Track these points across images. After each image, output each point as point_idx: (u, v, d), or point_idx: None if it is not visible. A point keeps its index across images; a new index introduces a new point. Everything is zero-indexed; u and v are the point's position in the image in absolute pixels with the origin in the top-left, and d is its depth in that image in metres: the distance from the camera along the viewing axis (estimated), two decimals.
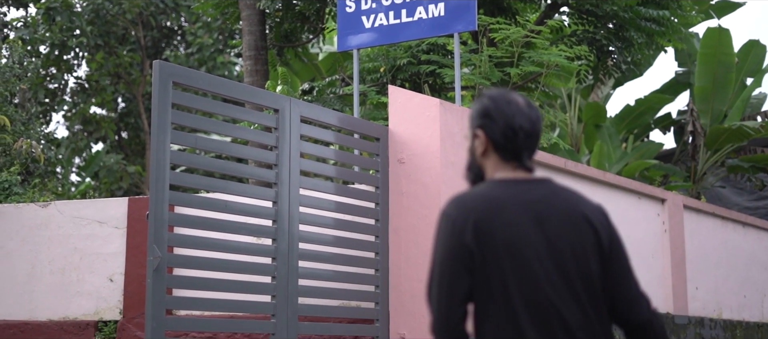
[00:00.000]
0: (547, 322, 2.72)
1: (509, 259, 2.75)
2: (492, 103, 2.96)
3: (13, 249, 10.14)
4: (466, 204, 2.87)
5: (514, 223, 2.79)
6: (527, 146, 2.95)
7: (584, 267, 2.82)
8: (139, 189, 25.06)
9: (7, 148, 12.66)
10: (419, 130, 8.36)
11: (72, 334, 9.64)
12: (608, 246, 2.92)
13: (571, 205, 2.93)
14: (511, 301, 2.73)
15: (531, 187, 2.92)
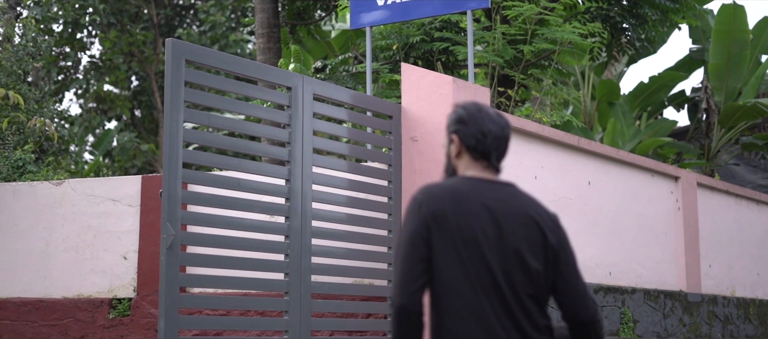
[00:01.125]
0: (489, 298, 3.06)
1: (461, 242, 3.09)
2: (465, 112, 3.37)
3: (27, 227, 10.18)
4: (432, 192, 3.21)
5: (471, 213, 3.14)
6: (496, 148, 3.34)
7: (526, 264, 3.14)
8: (152, 167, 25.11)
9: (21, 126, 12.69)
10: (432, 108, 8.34)
11: (86, 311, 9.68)
12: (556, 250, 3.27)
13: (525, 209, 3.26)
14: (463, 279, 3.06)
15: (494, 186, 3.29)
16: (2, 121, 12.43)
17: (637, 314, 10.31)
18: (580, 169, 9.95)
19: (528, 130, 9.24)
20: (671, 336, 10.75)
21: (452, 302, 3.10)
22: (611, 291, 10.02)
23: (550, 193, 9.49)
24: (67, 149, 16.10)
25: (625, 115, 16.76)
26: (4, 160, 11.49)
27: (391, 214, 8.26)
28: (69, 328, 9.73)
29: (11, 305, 10.10)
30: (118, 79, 26.14)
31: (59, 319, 9.80)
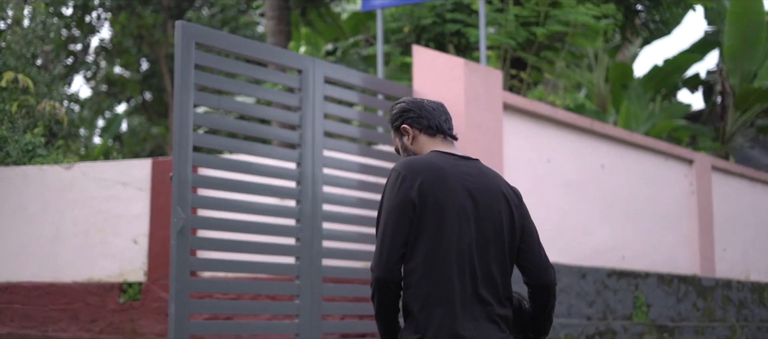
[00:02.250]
0: (466, 268, 3.31)
1: (445, 215, 3.31)
2: (404, 104, 3.64)
3: (37, 211, 10.15)
4: (415, 167, 3.38)
5: (452, 188, 3.36)
6: (445, 120, 3.61)
7: (500, 234, 3.41)
8: (162, 150, 25.10)
9: (31, 109, 12.65)
10: (444, 91, 8.26)
11: (97, 295, 9.65)
12: (520, 222, 3.51)
13: (495, 184, 3.50)
14: (443, 249, 3.29)
15: (466, 162, 3.50)
16: (12, 105, 12.39)
17: (650, 298, 10.24)
18: (594, 153, 9.86)
19: (541, 113, 9.16)
20: (685, 320, 10.67)
21: (424, 271, 3.31)
22: (624, 275, 9.95)
23: (563, 177, 9.41)
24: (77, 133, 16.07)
25: (638, 97, 16.65)
26: (13, 144, 11.45)
27: None
28: (79, 313, 9.71)
29: (21, 289, 10.07)
30: (128, 63, 26.10)
31: (69, 304, 9.78)
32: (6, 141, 11.53)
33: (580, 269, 9.39)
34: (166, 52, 23.78)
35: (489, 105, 8.41)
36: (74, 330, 9.72)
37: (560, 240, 9.29)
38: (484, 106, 8.34)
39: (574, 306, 9.25)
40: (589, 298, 9.47)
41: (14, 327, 10.08)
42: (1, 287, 10.16)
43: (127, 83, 26.40)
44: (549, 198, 9.21)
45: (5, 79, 12.36)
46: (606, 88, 16.68)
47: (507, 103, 8.72)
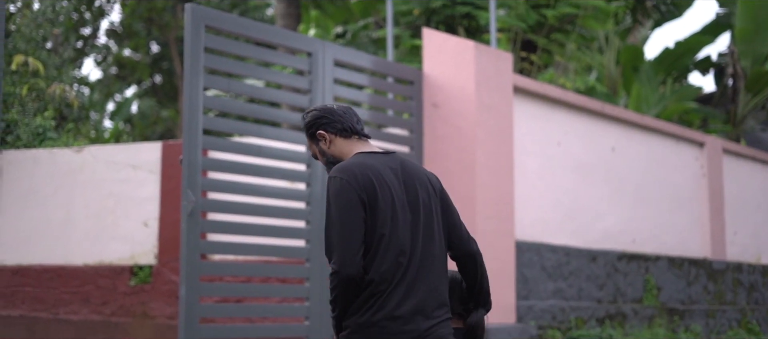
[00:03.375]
0: (407, 251, 3.61)
1: (388, 208, 3.59)
2: (316, 111, 3.83)
3: (48, 194, 10.17)
4: (353, 170, 3.60)
5: (389, 183, 3.64)
6: (356, 121, 3.81)
7: (432, 215, 3.73)
8: (172, 134, 25.12)
9: (41, 93, 12.65)
10: (454, 74, 8.24)
11: (107, 278, 9.68)
12: (444, 202, 3.83)
13: (419, 172, 3.79)
14: (387, 238, 3.57)
15: (389, 157, 3.75)
16: (22, 88, 12.40)
17: (660, 281, 10.22)
18: (604, 135, 9.84)
19: (551, 95, 9.14)
20: (695, 303, 10.66)
21: (376, 257, 3.57)
22: (635, 258, 9.93)
23: (573, 159, 9.39)
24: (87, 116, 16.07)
25: (649, 80, 16.57)
26: (24, 127, 11.47)
27: None
28: (90, 295, 9.74)
29: (32, 272, 10.10)
30: (138, 46, 26.10)
31: (80, 286, 9.80)
32: (16, 124, 11.54)
33: (591, 252, 9.38)
34: (176, 35, 23.76)
35: (499, 88, 8.39)
36: (85, 312, 9.75)
37: (570, 223, 9.28)
38: (494, 89, 8.32)
39: (585, 289, 9.25)
40: (600, 281, 9.46)
41: (25, 309, 10.11)
42: (13, 270, 10.19)
43: (136, 66, 26.40)
44: (559, 181, 9.19)
45: (15, 63, 12.36)
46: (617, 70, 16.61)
47: (517, 86, 8.70)
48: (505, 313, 8.16)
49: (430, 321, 3.63)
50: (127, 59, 26.47)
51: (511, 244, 8.31)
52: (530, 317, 8.48)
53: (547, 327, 8.64)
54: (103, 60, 26.27)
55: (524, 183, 8.68)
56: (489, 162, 8.16)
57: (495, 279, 8.13)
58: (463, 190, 8.03)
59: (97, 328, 9.67)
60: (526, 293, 8.54)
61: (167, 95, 26.87)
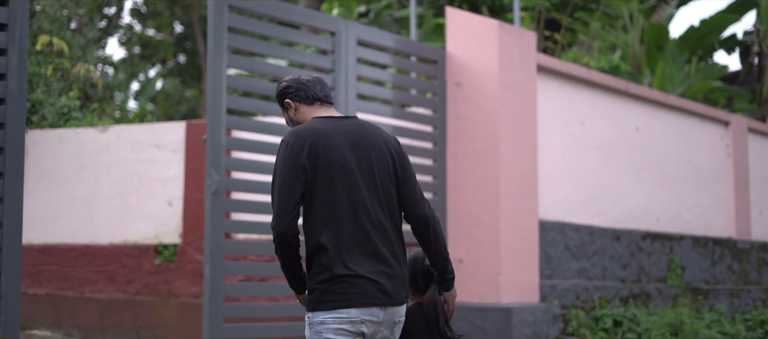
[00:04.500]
0: (358, 213, 3.80)
1: (334, 171, 3.78)
2: (285, 83, 4.08)
3: (72, 174, 10.23)
4: (301, 134, 3.83)
5: (337, 146, 3.82)
6: (320, 90, 4.04)
7: (384, 178, 3.88)
8: (196, 113, 25.19)
9: (66, 73, 12.72)
10: (478, 53, 8.22)
11: (132, 257, 9.74)
12: (400, 166, 3.95)
13: (375, 135, 3.95)
14: (336, 201, 3.78)
15: (345, 121, 3.95)
16: (47, 68, 12.46)
17: (684, 261, 10.19)
18: (628, 114, 9.80)
19: (575, 74, 9.10)
20: (720, 283, 10.62)
21: (322, 219, 3.79)
22: (659, 238, 9.91)
23: (597, 139, 9.36)
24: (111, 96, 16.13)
25: (674, 59, 16.47)
26: (49, 107, 11.54)
27: (437, 160, 8.18)
28: (115, 274, 9.81)
29: (58, 251, 10.18)
30: (162, 25, 26.15)
31: (105, 265, 9.87)
32: (42, 104, 11.61)
33: (614, 231, 9.36)
34: (200, 14, 23.79)
35: (523, 67, 8.36)
36: (110, 291, 9.82)
37: (594, 202, 9.26)
38: (517, 68, 8.29)
39: (609, 268, 9.23)
40: (623, 260, 9.44)
41: (52, 288, 10.20)
42: (39, 249, 10.28)
43: (160, 46, 26.47)
44: (583, 160, 9.17)
45: (40, 43, 12.43)
46: (641, 49, 16.51)
47: (541, 65, 8.67)
48: (529, 293, 8.17)
49: (387, 277, 3.82)
50: (150, 39, 26.54)
51: (534, 223, 8.31)
52: (554, 296, 8.48)
53: (570, 306, 8.64)
54: (127, 40, 26.35)
55: (548, 162, 8.67)
56: (512, 141, 8.15)
57: (518, 258, 8.15)
58: (486, 169, 8.03)
59: (122, 307, 9.74)
60: (550, 273, 8.54)
61: (191, 75, 26.94)
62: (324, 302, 3.76)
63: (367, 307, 3.77)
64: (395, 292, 3.84)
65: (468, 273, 8.05)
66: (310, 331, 3.82)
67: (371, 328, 3.80)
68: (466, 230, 8.10)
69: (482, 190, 8.06)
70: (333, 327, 3.76)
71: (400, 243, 3.93)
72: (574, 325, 8.52)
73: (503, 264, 7.93)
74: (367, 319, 3.78)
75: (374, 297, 3.78)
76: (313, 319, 3.80)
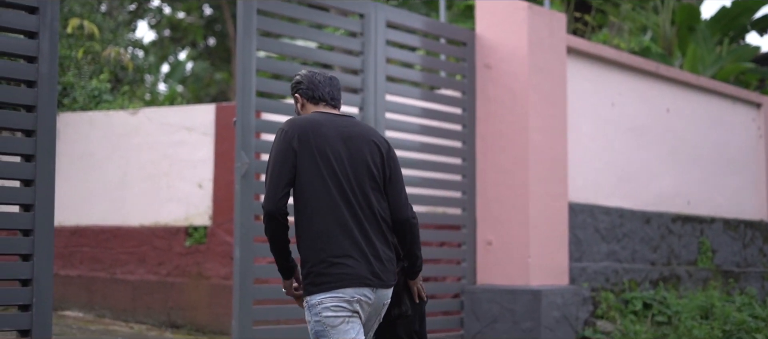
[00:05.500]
0: (349, 199, 4.08)
1: (324, 158, 4.07)
2: (300, 76, 4.37)
3: (104, 156, 10.30)
4: (296, 122, 4.15)
5: (327, 136, 4.11)
6: (329, 93, 4.32)
7: (373, 169, 4.15)
8: (226, 96, 25.26)
9: (96, 56, 12.79)
10: (507, 35, 8.19)
11: (163, 239, 9.80)
12: (389, 166, 4.22)
13: (366, 133, 4.24)
14: (326, 187, 4.06)
15: (340, 118, 4.25)
16: (78, 51, 12.53)
17: (715, 244, 10.13)
18: (659, 96, 9.74)
19: (605, 56, 9.05)
20: (751, 266, 10.56)
21: (314, 204, 4.07)
22: (689, 220, 9.85)
23: (627, 121, 9.31)
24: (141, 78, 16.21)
25: (705, 40, 16.33)
26: (80, 90, 11.61)
27: (466, 142, 8.17)
28: (146, 256, 9.88)
29: (90, 233, 10.27)
30: (191, 8, 26.22)
31: (137, 247, 9.95)
32: (73, 87, 11.69)
33: (644, 214, 9.32)
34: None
35: (553, 49, 8.33)
36: (142, 272, 9.90)
37: (624, 185, 9.22)
38: (547, 50, 8.26)
39: (639, 251, 9.20)
40: (654, 243, 9.40)
41: (83, 270, 10.29)
42: (71, 230, 10.36)
43: (190, 29, 26.54)
44: (613, 142, 9.13)
45: (71, 26, 12.50)
46: (672, 30, 16.39)
47: (571, 47, 8.63)
48: (558, 275, 8.15)
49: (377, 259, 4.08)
50: (180, 22, 26.61)
51: (564, 206, 8.29)
52: (583, 279, 8.47)
53: (600, 289, 8.62)
54: (157, 23, 26.45)
55: (577, 145, 8.63)
56: (542, 124, 8.12)
57: (548, 241, 8.13)
58: (515, 152, 8.01)
59: (153, 288, 9.81)
60: (580, 255, 8.52)
61: (220, 57, 27.00)
62: (319, 284, 4.01)
63: (359, 287, 4.02)
64: (384, 275, 4.10)
65: (497, 255, 8.05)
66: (310, 314, 4.06)
67: (365, 310, 4.07)
68: (496, 212, 8.10)
69: (511, 173, 8.04)
70: (330, 305, 4.00)
71: (389, 229, 4.18)
72: (603, 308, 8.51)
73: (533, 246, 7.92)
74: (360, 299, 4.03)
75: (366, 278, 4.03)
76: (310, 301, 4.05)
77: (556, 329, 7.84)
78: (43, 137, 4.99)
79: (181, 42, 27.32)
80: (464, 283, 8.09)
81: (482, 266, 8.14)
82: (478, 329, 7.95)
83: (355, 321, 4.04)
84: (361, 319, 4.08)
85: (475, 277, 8.15)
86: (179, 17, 26.64)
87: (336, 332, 4.00)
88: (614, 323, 8.43)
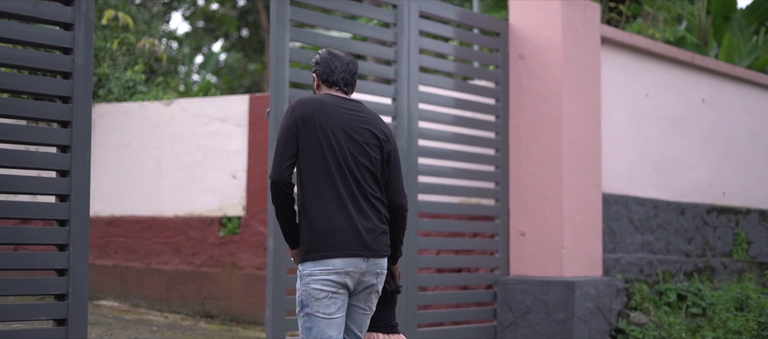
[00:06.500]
0: (345, 175, 4.32)
1: (322, 136, 4.33)
2: (320, 57, 4.61)
3: (139, 146, 10.37)
4: (302, 101, 4.42)
5: (330, 117, 4.37)
6: (343, 79, 4.58)
7: (369, 157, 4.40)
8: (259, 87, 25.34)
9: (131, 47, 12.87)
10: (540, 25, 8.16)
11: (197, 229, 9.86)
12: (388, 153, 4.50)
13: (370, 119, 4.50)
14: (325, 162, 4.31)
15: (347, 102, 4.52)
16: (113, 43, 12.62)
17: (751, 235, 10.05)
18: (694, 87, 9.66)
19: (640, 46, 8.99)
20: None
21: (312, 179, 4.32)
22: (724, 211, 9.78)
23: (662, 111, 9.25)
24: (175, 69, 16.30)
25: (741, 30, 16.18)
26: (115, 81, 11.69)
27: (499, 133, 8.15)
28: (181, 246, 9.94)
29: (125, 223, 10.34)
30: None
31: (171, 237, 10.01)
32: (108, 78, 11.77)
33: (679, 205, 9.26)
34: None
35: (586, 38, 8.28)
36: (176, 262, 9.96)
37: (659, 175, 9.16)
38: (581, 40, 8.21)
39: (673, 242, 9.14)
40: (688, 234, 9.34)
41: (119, 259, 10.37)
42: (106, 221, 10.45)
43: (223, 20, 26.64)
44: (647, 133, 9.07)
45: (106, 18, 12.58)
46: (707, 20, 16.25)
47: (605, 37, 8.58)
48: (592, 266, 8.12)
49: (370, 232, 4.34)
50: (214, 13, 26.71)
51: (598, 197, 8.25)
52: (617, 270, 8.43)
53: (634, 280, 8.58)
54: (190, 14, 26.56)
55: (611, 135, 8.59)
56: (576, 114, 8.09)
57: (582, 232, 8.10)
58: (549, 142, 7.98)
59: (187, 278, 9.88)
60: (613, 246, 8.48)
61: (254, 48, 27.08)
62: (311, 253, 4.29)
63: (349, 258, 4.27)
64: (376, 245, 4.36)
65: (531, 246, 8.03)
66: (300, 283, 4.33)
67: (354, 279, 4.30)
68: (529, 203, 8.07)
69: (545, 163, 8.02)
70: (320, 278, 4.26)
71: (382, 203, 4.45)
72: (637, 299, 8.47)
73: (566, 237, 7.90)
74: (350, 271, 4.28)
75: (356, 249, 4.28)
76: (302, 271, 4.33)
77: (589, 321, 7.81)
78: (78, 128, 5.03)
79: (215, 33, 27.42)
80: (497, 274, 8.08)
81: (515, 257, 8.12)
82: (511, 320, 7.94)
83: (338, 297, 4.29)
84: (349, 290, 4.33)
85: (509, 268, 8.14)
86: (213, 8, 26.73)
87: (318, 305, 4.26)
88: (648, 315, 8.39)
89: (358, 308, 4.41)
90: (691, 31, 16.15)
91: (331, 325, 4.28)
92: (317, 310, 4.26)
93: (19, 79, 5.05)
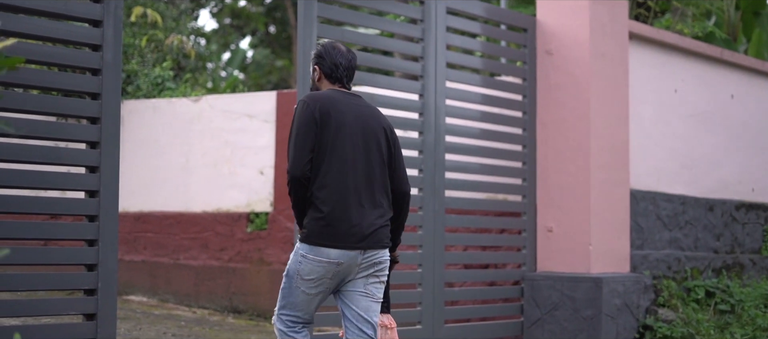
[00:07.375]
0: (356, 168, 4.51)
1: (337, 131, 4.49)
2: (323, 49, 4.75)
3: (167, 142, 10.43)
4: (316, 97, 4.58)
5: (344, 111, 4.55)
6: (345, 75, 4.74)
7: (378, 150, 4.61)
8: (287, 83, 25.38)
9: (159, 44, 12.93)
10: (568, 21, 8.13)
11: (225, 225, 9.90)
12: (393, 146, 4.70)
13: (374, 114, 4.70)
14: (337, 155, 4.48)
15: (353, 97, 4.70)
16: (141, 39, 12.69)
17: None
18: (723, 82, 9.60)
19: (668, 42, 8.95)
20: None
21: (327, 171, 4.46)
22: (753, 208, 9.72)
23: (690, 107, 9.20)
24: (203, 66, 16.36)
25: None
26: (143, 78, 11.76)
27: (526, 129, 8.13)
28: (209, 241, 9.99)
29: (153, 218, 10.40)
30: None
31: (199, 233, 10.06)
32: (136, 74, 11.84)
33: (708, 201, 9.21)
34: None
35: (614, 34, 8.25)
36: (204, 258, 10.01)
37: (687, 172, 9.11)
38: (609, 35, 8.18)
39: (701, 239, 9.09)
40: (717, 231, 9.29)
41: (147, 254, 10.43)
42: (135, 216, 10.51)
43: (251, 16, 26.70)
44: (675, 129, 9.03)
45: (134, 15, 12.66)
46: (736, 15, 16.13)
47: (633, 32, 8.54)
48: (620, 263, 8.09)
49: (371, 226, 4.51)
50: (241, 9, 26.78)
51: (625, 193, 8.22)
52: (645, 267, 8.39)
53: (662, 277, 8.54)
54: (218, 11, 26.65)
55: (639, 131, 8.55)
56: (603, 110, 8.06)
57: (609, 228, 8.07)
58: (577, 138, 7.96)
59: (215, 274, 9.93)
60: (641, 243, 8.44)
61: (281, 45, 27.13)
62: (310, 237, 4.47)
63: (344, 250, 4.45)
64: (375, 238, 4.53)
65: (558, 242, 8.01)
66: (293, 257, 4.54)
67: (347, 269, 4.48)
68: (556, 199, 8.06)
69: (573, 159, 8.00)
70: (312, 260, 4.46)
71: (387, 198, 4.63)
72: (665, 296, 8.43)
73: (594, 233, 7.88)
74: (343, 262, 4.46)
75: (354, 242, 4.47)
76: (299, 249, 4.53)
77: (617, 317, 7.79)
78: (107, 124, 5.07)
79: (243, 29, 27.49)
80: (524, 270, 8.07)
81: (543, 253, 8.11)
82: (538, 316, 7.93)
83: (323, 282, 4.50)
84: (342, 277, 4.51)
85: (536, 265, 8.13)
86: (241, 5, 26.80)
87: (303, 284, 4.50)
88: (676, 311, 8.35)
89: (356, 292, 4.57)
90: (720, 27, 16.03)
91: (308, 302, 4.55)
92: (300, 286, 4.51)
93: (48, 76, 5.10)
